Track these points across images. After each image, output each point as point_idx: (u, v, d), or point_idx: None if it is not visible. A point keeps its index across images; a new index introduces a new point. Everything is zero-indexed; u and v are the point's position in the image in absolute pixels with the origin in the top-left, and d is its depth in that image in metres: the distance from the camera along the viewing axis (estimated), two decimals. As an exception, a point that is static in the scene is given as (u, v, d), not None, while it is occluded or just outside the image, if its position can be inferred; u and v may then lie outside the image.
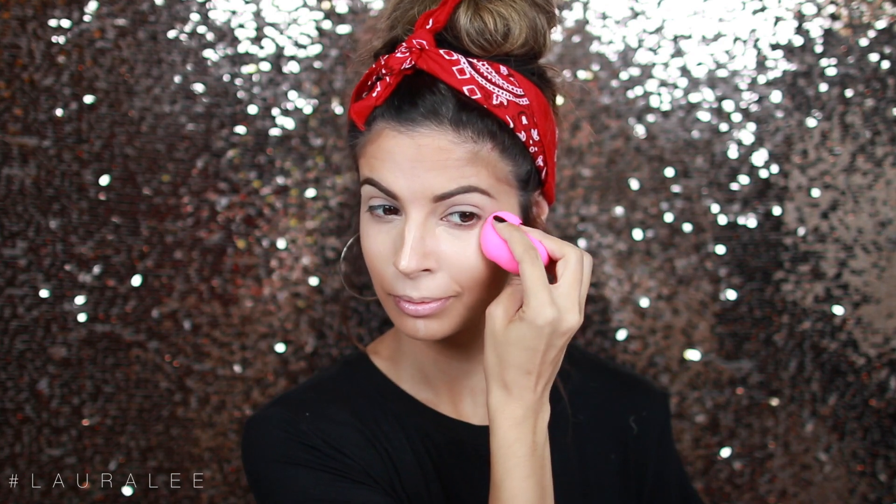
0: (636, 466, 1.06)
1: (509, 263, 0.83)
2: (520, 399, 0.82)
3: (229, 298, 1.33)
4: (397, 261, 0.83)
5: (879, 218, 1.37)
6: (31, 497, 1.29)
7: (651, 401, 1.11)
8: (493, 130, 0.83)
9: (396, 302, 0.87)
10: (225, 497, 1.34)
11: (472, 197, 0.83)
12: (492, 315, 0.82)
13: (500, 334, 0.81)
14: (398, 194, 0.83)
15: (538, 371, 0.82)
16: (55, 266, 1.29)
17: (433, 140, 0.82)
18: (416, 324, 0.88)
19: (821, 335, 1.38)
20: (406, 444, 0.96)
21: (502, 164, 0.85)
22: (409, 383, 1.00)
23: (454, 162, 0.82)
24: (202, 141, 1.32)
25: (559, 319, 0.79)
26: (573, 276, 0.81)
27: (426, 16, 0.83)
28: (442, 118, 0.82)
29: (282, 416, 0.94)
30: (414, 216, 0.83)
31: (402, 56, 0.82)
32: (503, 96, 0.83)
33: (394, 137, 0.83)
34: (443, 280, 0.86)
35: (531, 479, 0.82)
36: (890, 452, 1.38)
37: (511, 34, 0.84)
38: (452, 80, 0.82)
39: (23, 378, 1.28)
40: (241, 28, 1.32)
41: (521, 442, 0.82)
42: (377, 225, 0.87)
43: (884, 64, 1.35)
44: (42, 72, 1.27)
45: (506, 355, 0.81)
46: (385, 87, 0.83)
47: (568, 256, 0.82)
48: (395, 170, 0.83)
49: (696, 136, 1.37)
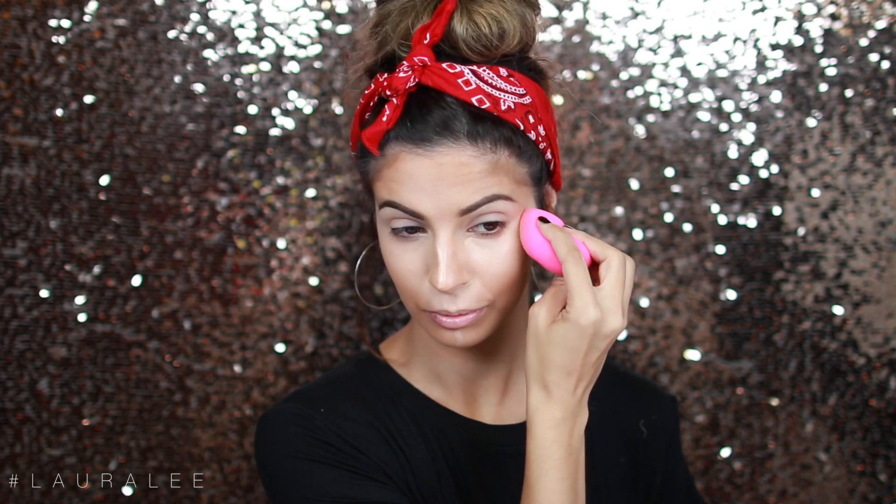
0: (645, 470, 1.07)
1: (551, 262, 0.83)
2: (560, 401, 0.82)
3: (229, 298, 1.33)
4: (434, 280, 0.83)
5: (879, 218, 1.37)
6: (31, 497, 1.29)
7: (661, 405, 1.11)
8: (508, 137, 0.83)
9: (433, 317, 0.87)
10: (225, 497, 1.34)
11: (497, 205, 0.84)
12: (535, 315, 0.82)
13: (542, 334, 0.81)
14: (424, 213, 0.83)
15: (579, 373, 0.81)
16: (55, 266, 1.29)
17: (452, 157, 0.81)
18: (454, 335, 0.88)
19: (821, 335, 1.38)
20: (420, 442, 0.96)
21: (519, 167, 0.85)
22: (422, 383, 1.00)
23: (476, 175, 0.82)
24: (202, 141, 1.32)
25: (602, 321, 0.79)
26: (616, 279, 0.81)
27: (422, 30, 0.82)
28: (458, 134, 0.81)
29: (297, 411, 0.93)
30: (442, 234, 0.83)
31: (406, 75, 0.81)
32: (509, 100, 0.84)
33: (412, 160, 0.82)
34: (476, 290, 0.86)
35: (566, 481, 0.82)
36: (890, 452, 1.38)
37: (506, 34, 0.83)
38: (460, 92, 0.82)
39: (23, 378, 1.28)
40: (241, 28, 1.32)
41: (558, 444, 0.82)
42: (402, 244, 0.87)
43: (884, 64, 1.35)
44: (42, 72, 1.27)
45: (548, 355, 0.81)
46: (394, 110, 0.82)
47: (611, 258, 0.82)
48: (418, 190, 0.82)
49: (696, 136, 1.37)
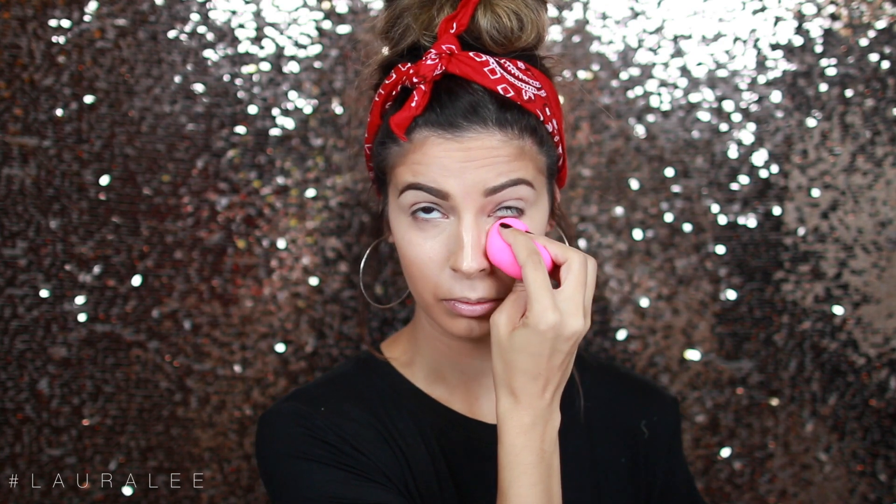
0: (646, 470, 1.07)
1: (512, 267, 0.83)
2: (528, 406, 0.82)
3: (229, 298, 1.33)
4: (458, 262, 0.83)
5: (879, 218, 1.37)
6: (31, 497, 1.29)
7: (662, 406, 1.11)
8: (533, 126, 0.86)
9: (451, 306, 0.88)
10: (225, 497, 1.34)
11: (520, 190, 0.85)
12: (496, 323, 0.82)
13: (504, 341, 0.81)
14: (449, 192, 0.83)
15: (546, 376, 0.81)
16: (55, 266, 1.29)
17: (482, 142, 0.83)
18: (470, 324, 0.88)
19: (821, 335, 1.38)
20: (420, 442, 0.96)
21: (541, 156, 0.88)
22: (424, 382, 1.00)
23: (504, 158, 0.83)
24: (202, 141, 1.32)
25: (562, 324, 0.79)
26: (577, 280, 0.81)
27: (448, 20, 0.84)
28: (486, 120, 0.83)
29: (297, 410, 0.93)
30: (467, 216, 0.84)
31: (434, 63, 0.83)
32: (530, 91, 0.86)
33: (440, 144, 0.83)
34: (495, 279, 0.86)
35: (538, 486, 0.81)
36: (890, 452, 1.38)
37: (524, 28, 0.85)
38: (486, 80, 0.83)
39: (23, 378, 1.28)
40: (241, 28, 1.32)
41: (528, 449, 0.81)
42: (423, 231, 0.87)
43: (884, 64, 1.35)
44: (42, 72, 1.27)
45: (512, 362, 0.81)
46: (422, 96, 0.83)
47: (571, 260, 0.82)
48: (444, 171, 0.83)
49: (696, 136, 1.37)
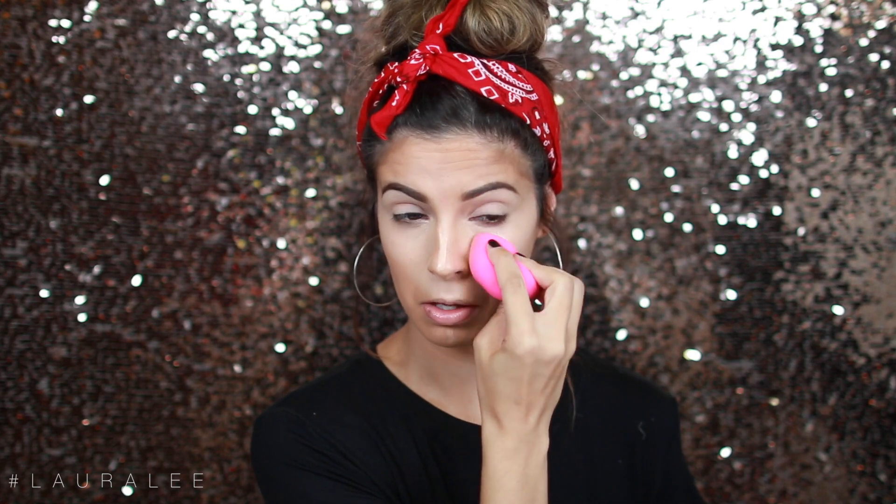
0: (644, 471, 1.06)
1: (494, 287, 0.82)
2: (511, 431, 0.80)
3: (229, 298, 1.33)
4: (433, 264, 0.83)
5: (879, 218, 1.37)
6: (31, 497, 1.29)
7: (660, 406, 1.10)
8: (515, 128, 0.84)
9: (427, 312, 0.87)
10: (225, 497, 1.34)
11: (500, 193, 0.84)
12: (477, 346, 0.81)
13: (486, 365, 0.80)
14: (427, 195, 0.83)
15: (528, 401, 0.80)
16: (55, 266, 1.29)
17: (459, 143, 0.82)
18: (445, 332, 0.87)
19: (821, 335, 1.38)
20: (412, 446, 0.96)
21: (524, 159, 0.86)
22: (418, 384, 1.00)
23: (482, 161, 0.82)
24: (202, 141, 1.32)
25: (540, 348, 0.77)
26: (559, 304, 0.79)
27: (435, 20, 0.83)
28: (465, 122, 0.82)
29: (290, 416, 0.94)
30: (444, 218, 0.83)
31: (417, 62, 0.82)
32: (517, 94, 0.84)
33: (418, 144, 0.83)
34: (474, 283, 0.86)
35: None
36: (890, 452, 1.38)
37: (516, 31, 0.84)
38: (469, 82, 0.82)
39: (23, 378, 1.28)
40: (241, 28, 1.32)
41: (511, 474, 0.80)
42: (404, 231, 0.86)
43: (884, 64, 1.35)
44: (42, 72, 1.27)
45: (493, 386, 0.80)
46: (404, 95, 0.83)
47: (556, 283, 0.80)
48: (422, 173, 0.82)
49: (696, 136, 1.37)
